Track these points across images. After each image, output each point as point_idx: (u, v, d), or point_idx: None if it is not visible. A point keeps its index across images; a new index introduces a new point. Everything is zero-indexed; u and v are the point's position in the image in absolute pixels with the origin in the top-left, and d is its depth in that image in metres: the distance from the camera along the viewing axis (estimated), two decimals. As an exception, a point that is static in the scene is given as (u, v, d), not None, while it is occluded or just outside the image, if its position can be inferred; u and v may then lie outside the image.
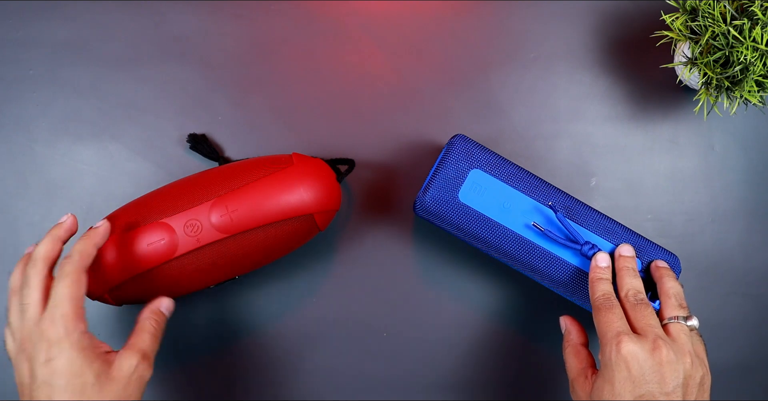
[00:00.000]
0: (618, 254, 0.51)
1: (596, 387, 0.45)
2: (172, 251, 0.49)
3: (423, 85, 0.60)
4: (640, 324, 0.46)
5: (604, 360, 0.45)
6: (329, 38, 0.60)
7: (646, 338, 0.45)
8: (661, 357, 0.44)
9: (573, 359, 0.50)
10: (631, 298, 0.48)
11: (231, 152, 0.59)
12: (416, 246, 0.58)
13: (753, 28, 0.49)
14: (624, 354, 0.44)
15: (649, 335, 0.45)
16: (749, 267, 0.59)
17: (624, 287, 0.49)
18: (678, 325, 0.47)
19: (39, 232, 0.58)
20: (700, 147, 0.60)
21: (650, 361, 0.44)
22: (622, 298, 0.49)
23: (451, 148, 0.52)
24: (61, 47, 0.59)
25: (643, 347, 0.44)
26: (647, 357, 0.44)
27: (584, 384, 0.47)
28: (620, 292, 0.49)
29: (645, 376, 0.43)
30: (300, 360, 0.57)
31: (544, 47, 0.60)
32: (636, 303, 0.48)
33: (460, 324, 0.58)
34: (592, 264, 0.51)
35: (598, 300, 0.48)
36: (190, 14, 0.60)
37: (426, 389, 0.57)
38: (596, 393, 0.45)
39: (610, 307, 0.47)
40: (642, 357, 0.44)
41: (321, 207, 0.51)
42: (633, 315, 0.47)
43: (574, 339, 0.51)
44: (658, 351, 0.44)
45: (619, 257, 0.51)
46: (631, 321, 0.47)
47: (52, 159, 0.59)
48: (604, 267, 0.50)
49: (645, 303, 0.48)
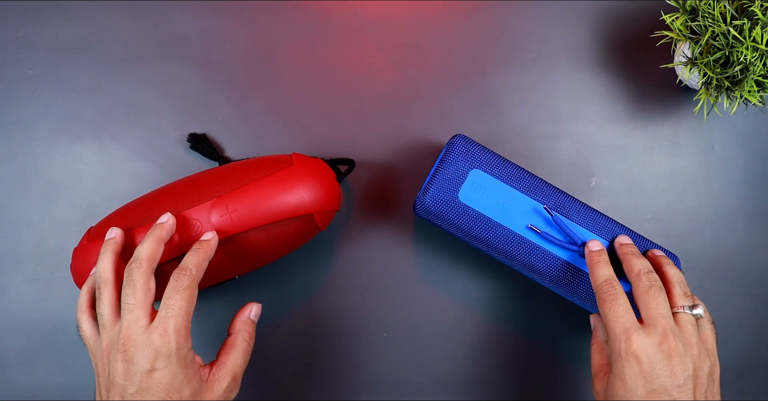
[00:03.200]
0: (618, 243, 0.51)
1: (609, 384, 0.45)
2: (172, 251, 0.49)
3: (423, 85, 0.60)
4: (651, 312, 0.45)
5: (614, 355, 0.45)
6: (329, 38, 0.60)
7: (654, 330, 0.44)
8: (670, 350, 0.43)
9: (597, 355, 0.49)
10: (644, 278, 0.47)
11: (231, 152, 0.59)
12: (416, 246, 0.58)
13: (753, 28, 0.49)
14: (634, 350, 0.44)
15: (658, 326, 0.44)
16: (749, 267, 0.59)
17: (634, 267, 0.48)
18: (684, 315, 0.46)
19: (39, 232, 0.58)
20: (700, 147, 0.60)
21: (659, 355, 0.43)
22: (633, 279, 0.48)
23: (451, 148, 0.52)
24: (61, 47, 0.59)
25: (652, 341, 0.44)
26: (656, 350, 0.43)
27: (602, 380, 0.47)
28: (630, 273, 0.48)
29: (656, 370, 0.43)
30: (300, 360, 0.57)
31: (544, 47, 0.60)
32: (650, 284, 0.46)
33: (460, 324, 0.58)
34: (586, 251, 0.50)
35: (601, 287, 0.47)
36: (190, 14, 0.60)
37: (426, 389, 0.57)
38: (609, 390, 0.45)
39: (615, 297, 0.46)
40: (651, 352, 0.43)
41: (321, 207, 0.51)
42: (644, 301, 0.46)
43: (601, 336, 0.51)
44: (667, 344, 0.44)
45: (620, 245, 0.51)
46: (641, 307, 0.46)
47: (52, 159, 0.59)
48: (598, 251, 0.50)
49: (658, 287, 0.46)
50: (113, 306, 0.45)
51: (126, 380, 0.42)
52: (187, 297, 0.44)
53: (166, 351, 0.42)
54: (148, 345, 0.42)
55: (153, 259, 0.45)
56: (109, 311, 0.45)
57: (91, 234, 0.51)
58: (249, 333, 0.48)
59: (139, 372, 0.42)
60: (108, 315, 0.45)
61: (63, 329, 0.57)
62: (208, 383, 0.45)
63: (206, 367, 0.45)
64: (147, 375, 0.42)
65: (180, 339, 0.42)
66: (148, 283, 0.44)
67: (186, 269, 0.45)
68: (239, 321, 0.49)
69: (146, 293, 0.44)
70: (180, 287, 0.44)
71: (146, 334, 0.42)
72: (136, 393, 0.42)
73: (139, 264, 0.45)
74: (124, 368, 0.42)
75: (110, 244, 0.47)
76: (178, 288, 0.44)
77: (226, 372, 0.45)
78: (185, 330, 0.43)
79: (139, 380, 0.42)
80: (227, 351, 0.47)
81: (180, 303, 0.43)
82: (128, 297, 0.44)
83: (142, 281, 0.44)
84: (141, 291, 0.44)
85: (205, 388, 0.44)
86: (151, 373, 0.42)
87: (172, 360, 0.42)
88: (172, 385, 0.42)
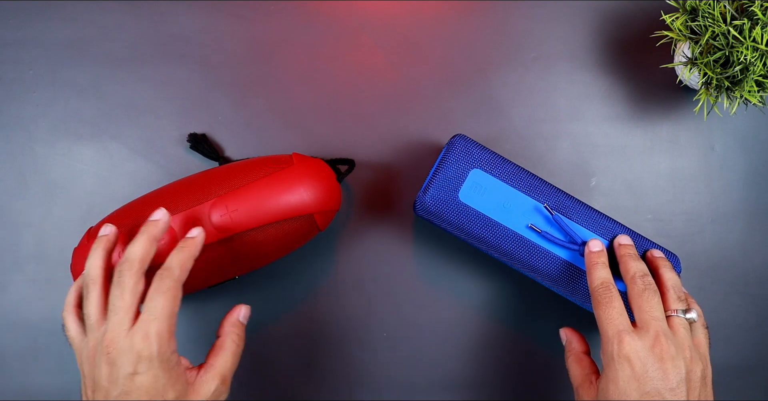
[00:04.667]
0: (617, 243, 0.51)
1: (601, 388, 0.45)
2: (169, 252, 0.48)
3: (423, 85, 0.60)
4: (644, 315, 0.45)
5: (606, 358, 0.45)
6: (329, 38, 0.60)
7: (647, 332, 0.44)
8: (662, 353, 0.44)
9: (576, 367, 0.49)
10: (638, 281, 0.47)
11: (231, 152, 0.59)
12: (416, 246, 0.58)
13: (753, 28, 0.49)
14: (626, 353, 0.44)
15: (651, 329, 0.44)
16: (749, 267, 0.59)
17: (630, 270, 0.48)
18: (677, 319, 0.46)
19: (39, 232, 0.58)
20: (700, 147, 0.60)
21: (652, 357, 0.43)
22: (628, 281, 0.48)
23: (451, 148, 0.52)
24: (61, 47, 0.59)
25: (644, 344, 0.44)
26: (648, 353, 0.44)
27: (590, 389, 0.47)
28: (626, 276, 0.48)
29: (648, 373, 0.43)
30: (300, 360, 0.57)
31: (544, 47, 0.60)
32: (644, 288, 0.47)
33: (460, 324, 0.58)
34: (586, 251, 0.50)
35: (597, 290, 0.47)
36: (190, 14, 0.60)
37: (426, 389, 0.57)
38: (602, 394, 0.45)
39: (610, 300, 0.46)
40: (643, 354, 0.43)
41: (321, 207, 0.51)
42: (638, 304, 0.46)
43: (575, 347, 0.51)
44: (659, 347, 0.44)
45: (619, 246, 0.51)
46: (635, 310, 0.46)
47: (52, 159, 0.59)
48: (598, 252, 0.49)
49: (653, 290, 0.47)
50: (100, 307, 0.44)
51: (110, 383, 0.42)
52: (170, 298, 0.43)
53: (148, 355, 0.41)
54: (130, 348, 0.41)
55: (144, 260, 0.44)
56: (95, 312, 0.44)
57: (91, 235, 0.51)
58: (238, 335, 0.47)
59: (122, 376, 0.41)
60: (94, 316, 0.44)
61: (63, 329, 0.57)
62: (194, 386, 0.44)
63: (193, 370, 0.45)
64: (129, 379, 0.41)
65: (162, 343, 0.42)
66: (137, 285, 0.43)
67: (169, 269, 0.44)
68: (228, 323, 0.48)
69: (134, 295, 0.43)
70: (162, 289, 0.43)
71: (128, 338, 0.42)
72: (120, 396, 0.41)
73: (130, 265, 0.43)
74: (108, 371, 0.42)
75: (102, 241, 0.46)
76: (161, 289, 0.43)
77: (213, 375, 0.45)
78: (168, 333, 0.42)
79: (122, 383, 0.41)
80: (216, 353, 0.46)
81: (162, 305, 0.42)
82: (116, 299, 0.43)
83: (131, 283, 0.43)
84: (129, 294, 0.43)
85: (191, 391, 0.44)
86: (133, 377, 0.41)
87: (153, 364, 0.41)
88: (155, 388, 0.42)
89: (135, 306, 0.43)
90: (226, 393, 0.46)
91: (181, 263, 0.44)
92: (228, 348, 0.46)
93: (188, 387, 0.44)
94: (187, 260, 0.45)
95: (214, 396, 0.44)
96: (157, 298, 0.42)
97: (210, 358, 0.46)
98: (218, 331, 0.48)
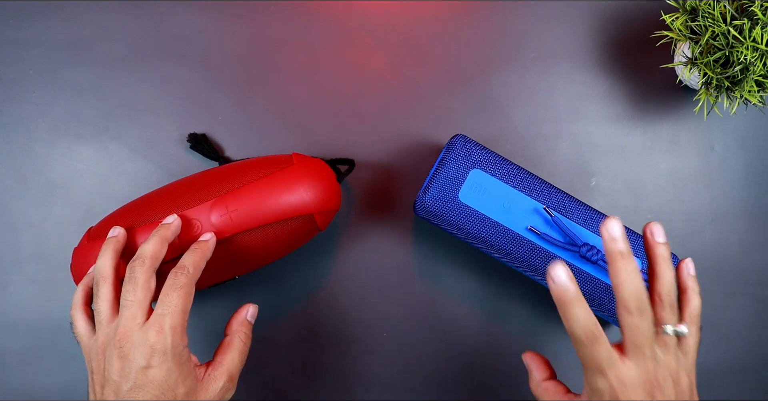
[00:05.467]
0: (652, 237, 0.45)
1: None
2: (171, 251, 0.49)
3: (423, 85, 0.60)
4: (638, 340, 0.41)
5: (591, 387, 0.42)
6: (329, 38, 0.60)
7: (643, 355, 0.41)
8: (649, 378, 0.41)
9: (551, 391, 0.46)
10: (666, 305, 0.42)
11: (231, 152, 0.59)
12: (416, 246, 0.58)
13: (753, 28, 0.49)
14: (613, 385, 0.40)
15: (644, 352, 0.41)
16: (749, 267, 0.59)
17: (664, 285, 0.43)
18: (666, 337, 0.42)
19: (39, 232, 0.58)
20: (700, 147, 0.60)
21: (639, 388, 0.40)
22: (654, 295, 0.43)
23: (451, 148, 0.52)
24: (61, 47, 0.59)
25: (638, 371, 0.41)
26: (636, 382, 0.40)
27: None
28: (654, 286, 0.43)
29: None
30: (300, 360, 0.57)
31: (544, 47, 0.60)
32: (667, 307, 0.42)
33: (460, 323, 0.58)
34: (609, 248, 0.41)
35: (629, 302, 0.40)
36: (190, 14, 0.60)
37: (426, 389, 0.57)
38: None
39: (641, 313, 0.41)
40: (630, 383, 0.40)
41: (321, 207, 0.51)
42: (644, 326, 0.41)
43: (536, 377, 0.47)
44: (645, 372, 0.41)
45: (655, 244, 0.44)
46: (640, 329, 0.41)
47: (52, 159, 0.59)
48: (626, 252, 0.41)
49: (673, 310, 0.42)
50: (111, 303, 0.45)
51: (121, 377, 0.42)
52: (184, 295, 0.44)
53: (162, 348, 0.42)
54: (143, 342, 0.42)
55: (156, 259, 0.45)
56: (106, 308, 0.45)
57: (91, 234, 0.51)
58: (246, 333, 0.48)
59: (134, 369, 0.42)
60: (105, 312, 0.45)
61: (63, 329, 0.57)
62: (203, 382, 0.44)
63: (202, 367, 0.45)
64: (142, 372, 0.42)
65: (176, 337, 0.42)
66: (149, 281, 0.44)
67: (183, 267, 0.45)
68: (236, 322, 0.49)
69: (146, 291, 0.44)
70: (177, 285, 0.44)
71: (142, 331, 0.42)
72: (131, 390, 0.42)
73: (142, 261, 0.45)
74: (119, 365, 0.42)
75: (112, 242, 0.47)
76: (175, 286, 0.44)
77: (222, 372, 0.45)
78: (181, 328, 0.43)
79: (134, 377, 0.42)
80: (224, 351, 0.47)
81: (176, 301, 0.43)
82: (128, 294, 0.44)
83: (143, 279, 0.44)
84: (141, 289, 0.44)
85: (200, 387, 0.44)
86: (146, 370, 0.42)
87: (167, 358, 0.42)
88: (167, 382, 0.42)
89: (148, 301, 0.44)
90: (232, 391, 0.46)
91: (195, 262, 0.46)
92: (236, 347, 0.47)
93: (197, 383, 0.44)
94: (200, 260, 0.46)
95: (221, 392, 0.45)
96: (172, 294, 0.43)
97: (218, 356, 0.46)
98: (226, 330, 0.48)
